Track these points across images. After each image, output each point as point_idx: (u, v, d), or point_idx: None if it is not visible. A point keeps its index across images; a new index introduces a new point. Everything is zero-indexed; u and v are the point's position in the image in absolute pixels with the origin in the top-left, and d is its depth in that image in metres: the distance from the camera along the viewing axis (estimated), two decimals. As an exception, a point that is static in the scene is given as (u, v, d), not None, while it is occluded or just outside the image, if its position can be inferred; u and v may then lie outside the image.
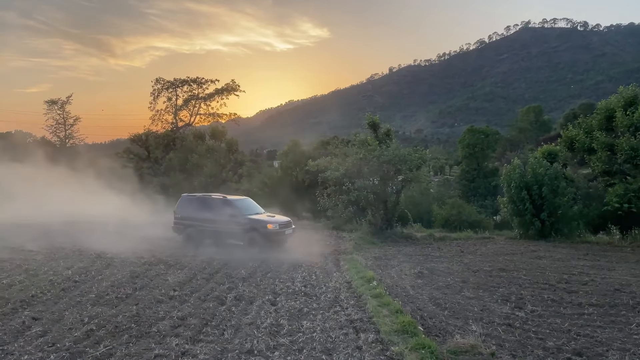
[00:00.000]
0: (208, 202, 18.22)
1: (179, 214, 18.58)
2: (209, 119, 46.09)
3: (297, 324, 8.38)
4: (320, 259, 15.73)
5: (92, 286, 10.94)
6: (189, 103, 44.87)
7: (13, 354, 6.74)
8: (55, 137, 57.42)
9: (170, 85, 44.42)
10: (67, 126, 57.44)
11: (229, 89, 45.40)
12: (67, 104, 57.04)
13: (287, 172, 33.72)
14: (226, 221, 17.24)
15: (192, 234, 18.02)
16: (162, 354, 6.72)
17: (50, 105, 56.42)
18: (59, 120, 56.89)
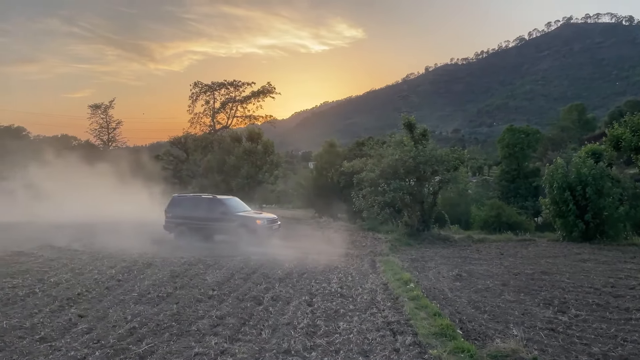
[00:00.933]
0: (199, 201, 19.45)
1: (170, 213, 19.39)
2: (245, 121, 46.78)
3: (334, 325, 8.38)
4: (356, 260, 15.69)
5: (135, 285, 11.27)
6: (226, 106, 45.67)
7: (60, 349, 7.01)
8: (98, 140, 59.53)
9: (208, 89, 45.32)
10: (110, 129, 59.46)
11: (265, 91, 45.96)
12: (109, 108, 59.12)
13: (322, 174, 33.82)
14: (217, 218, 18.55)
15: (184, 231, 18.96)
16: (201, 352, 6.85)
17: (94, 109, 58.57)
18: (102, 124, 58.96)
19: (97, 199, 27.66)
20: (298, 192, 38.60)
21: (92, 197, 27.97)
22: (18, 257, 14.86)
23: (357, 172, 23.71)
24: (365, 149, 28.47)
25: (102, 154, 55.94)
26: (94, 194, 28.24)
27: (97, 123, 58.67)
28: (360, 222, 27.66)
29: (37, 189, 25.79)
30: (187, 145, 44.11)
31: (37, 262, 13.95)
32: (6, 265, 13.29)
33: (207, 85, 45.58)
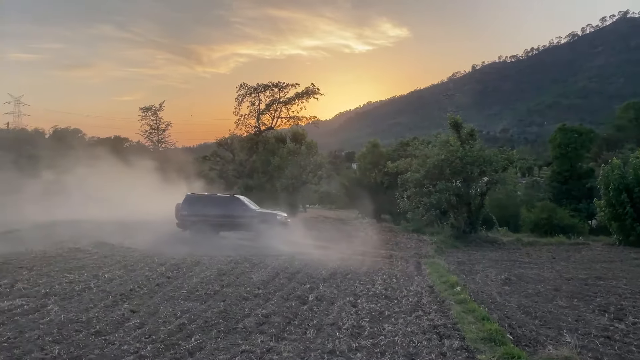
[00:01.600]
0: (218, 199, 20.81)
1: (186, 211, 20.14)
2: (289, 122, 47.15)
3: (379, 326, 8.32)
4: (400, 262, 15.53)
5: (184, 282, 11.58)
6: (270, 107, 46.09)
7: (114, 343, 7.29)
8: (149, 142, 61.54)
9: (253, 91, 45.88)
10: (160, 131, 61.30)
11: (309, 92, 46.07)
12: (159, 111, 60.94)
13: (365, 174, 33.70)
14: (239, 215, 20.00)
15: (202, 227, 19.73)
16: (248, 350, 6.95)
17: (145, 111, 60.56)
18: (152, 126, 60.87)
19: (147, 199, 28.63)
20: (341, 193, 38.63)
21: (142, 196, 28.96)
22: (75, 253, 15.58)
23: (401, 173, 23.48)
24: (410, 149, 28.12)
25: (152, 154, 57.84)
26: (144, 193, 29.23)
27: (147, 125, 60.70)
28: (405, 223, 27.37)
29: (92, 189, 26.91)
30: (233, 146, 44.91)
31: (92, 259, 14.58)
32: (64, 261, 13.96)
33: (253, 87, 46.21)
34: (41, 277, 11.76)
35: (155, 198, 28.69)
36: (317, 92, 46.23)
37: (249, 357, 6.70)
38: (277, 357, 6.76)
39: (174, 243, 18.05)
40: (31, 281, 11.24)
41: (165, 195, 29.18)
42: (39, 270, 12.50)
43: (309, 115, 47.16)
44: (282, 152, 35.36)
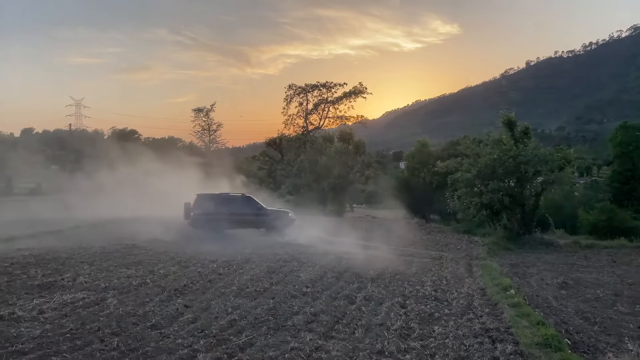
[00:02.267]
0: (232, 199, 21.21)
1: (199, 210, 20.31)
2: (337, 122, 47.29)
3: (428, 328, 8.20)
4: (450, 263, 15.23)
5: (234, 279, 11.83)
6: (318, 107, 46.47)
7: (169, 337, 7.54)
8: (201, 142, 63.30)
9: (301, 91, 46.43)
10: (211, 132, 62.93)
11: (357, 91, 46.13)
12: (210, 112, 62.59)
13: (414, 174, 33.25)
14: (254, 213, 20.71)
15: (216, 226, 19.96)
16: (297, 347, 7.02)
17: (197, 113, 62.40)
18: (204, 127, 62.61)
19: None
20: (389, 193, 38.26)
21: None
22: (131, 249, 16.24)
23: (451, 173, 23.01)
24: (460, 148, 27.50)
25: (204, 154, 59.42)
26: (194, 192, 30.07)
27: (199, 125, 62.47)
28: (455, 224, 26.82)
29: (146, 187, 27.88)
30: (281, 146, 45.54)
31: (148, 255, 15.15)
32: (122, 257, 14.59)
33: (301, 87, 46.79)
34: (101, 271, 12.34)
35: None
36: (364, 91, 46.24)
37: (298, 355, 6.76)
38: (326, 356, 6.79)
39: (224, 241, 18.50)
40: (92, 275, 11.82)
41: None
42: (98, 265, 13.13)
43: (356, 115, 47.21)
44: (329, 151, 35.44)
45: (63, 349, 6.87)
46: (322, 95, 46.71)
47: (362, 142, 37.59)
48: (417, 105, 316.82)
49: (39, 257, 14.20)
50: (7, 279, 11.21)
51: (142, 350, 6.87)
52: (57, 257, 14.25)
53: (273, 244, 18.25)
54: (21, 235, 18.14)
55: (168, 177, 28.49)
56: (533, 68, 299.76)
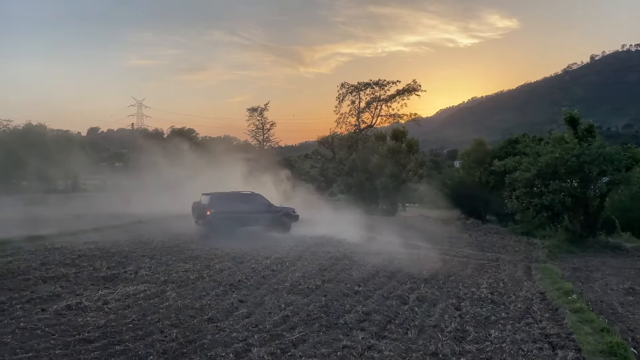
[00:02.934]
0: (244, 197, 20.95)
1: (215, 209, 19.65)
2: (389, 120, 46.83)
3: (484, 331, 7.98)
4: (508, 265, 14.74)
5: (287, 276, 11.98)
6: (371, 105, 46.19)
7: (224, 330, 7.75)
8: (255, 141, 64.57)
9: (354, 89, 46.32)
10: (265, 130, 64.05)
11: (410, 89, 45.51)
12: (264, 111, 63.74)
13: (469, 173, 32.41)
14: (264, 210, 20.65)
15: (233, 225, 19.58)
16: (349, 346, 7.03)
17: (252, 112, 63.76)
18: (258, 125, 63.86)
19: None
20: (443, 192, 37.48)
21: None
22: (189, 244, 16.80)
23: (509, 172, 22.22)
24: (519, 146, 26.53)
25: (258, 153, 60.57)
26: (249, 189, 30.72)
27: (253, 124, 63.85)
28: (513, 225, 25.91)
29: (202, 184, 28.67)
30: (333, 144, 45.64)
31: (204, 250, 15.61)
32: (180, 252, 15.12)
33: (353, 85, 46.65)
34: (160, 265, 12.85)
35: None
36: (418, 88, 45.55)
37: (350, 353, 6.77)
38: (378, 355, 6.76)
39: (277, 237, 18.78)
40: (152, 269, 12.33)
41: (266, 191, 30.44)
42: (158, 259, 13.67)
43: (409, 113, 46.59)
44: (381, 150, 35.16)
45: (126, 339, 7.21)
46: (375, 93, 46.45)
47: (415, 140, 37.05)
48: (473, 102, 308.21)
49: (104, 250, 14.97)
50: (74, 271, 11.89)
51: (200, 343, 7.10)
52: (120, 250, 14.96)
53: (324, 242, 18.31)
54: (87, 229, 19.18)
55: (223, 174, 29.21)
56: (598, 63, 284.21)
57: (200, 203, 20.39)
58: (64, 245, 15.59)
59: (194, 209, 20.74)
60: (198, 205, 20.54)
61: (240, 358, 6.54)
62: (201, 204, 20.29)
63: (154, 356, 6.54)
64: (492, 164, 26.66)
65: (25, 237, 16.75)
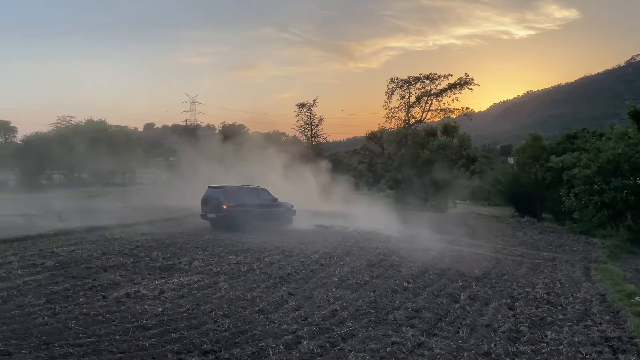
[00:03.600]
0: (253, 191, 20.54)
1: (233, 203, 19.05)
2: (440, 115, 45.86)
3: (540, 333, 7.72)
4: (565, 265, 14.16)
5: (335, 270, 12.03)
6: (421, 100, 45.35)
7: (275, 322, 7.88)
8: (303, 136, 65.01)
9: (403, 84, 45.59)
10: (313, 126, 64.31)
11: (462, 82, 44.26)
12: (313, 107, 63.97)
13: (524, 169, 31.34)
14: (271, 205, 20.54)
15: (245, 218, 18.98)
16: (398, 342, 6.97)
17: (300, 108, 64.07)
18: (306, 121, 64.15)
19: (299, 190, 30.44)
20: (496, 189, 36.45)
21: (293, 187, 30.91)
22: (240, 237, 17.16)
23: (567, 168, 21.36)
24: (578, 142, 25.41)
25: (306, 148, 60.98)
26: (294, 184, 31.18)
27: (302, 120, 64.15)
28: (570, 223, 24.88)
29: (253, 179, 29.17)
30: (382, 139, 45.24)
31: (255, 243, 15.90)
32: (231, 244, 15.48)
33: (403, 80, 45.89)
34: (213, 257, 13.21)
35: (300, 190, 30.33)
36: (470, 82, 44.27)
37: (399, 350, 6.72)
38: (429, 353, 6.67)
39: (325, 232, 18.88)
40: (205, 260, 12.70)
41: (314, 189, 30.69)
42: (211, 251, 14.06)
43: (461, 107, 45.37)
44: (432, 145, 34.56)
45: (181, 327, 7.47)
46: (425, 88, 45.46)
47: (467, 135, 36.20)
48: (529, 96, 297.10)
49: (159, 241, 15.54)
50: (133, 260, 12.42)
51: (251, 333, 7.25)
52: (175, 242, 15.50)
53: (372, 237, 18.24)
54: (143, 221, 19.96)
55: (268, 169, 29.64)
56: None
57: (213, 196, 19.43)
58: (122, 236, 16.31)
59: (205, 202, 19.61)
60: (210, 198, 19.49)
61: (291, 350, 6.63)
62: (214, 197, 19.37)
63: (207, 345, 6.73)
64: (549, 160, 25.71)
65: (87, 228, 17.66)
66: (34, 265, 11.53)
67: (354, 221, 22.02)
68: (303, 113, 64.06)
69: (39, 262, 11.76)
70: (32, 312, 8.02)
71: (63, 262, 11.92)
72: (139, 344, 6.76)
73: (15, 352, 6.33)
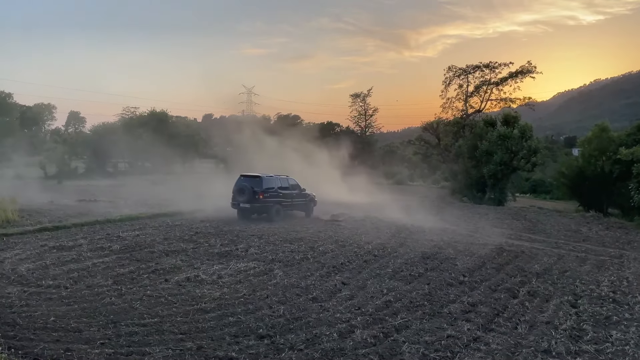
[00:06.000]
0: (285, 181, 20.69)
1: (268, 193, 19.17)
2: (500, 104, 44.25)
3: (604, 332, 7.37)
4: (633, 263, 13.38)
5: (389, 261, 11.99)
6: (480, 89, 43.93)
7: (328, 310, 7.98)
8: (357, 127, 64.75)
9: (462, 73, 44.32)
10: (367, 117, 63.91)
11: (524, 71, 42.46)
12: (367, 97, 63.53)
13: (589, 162, 29.71)
14: (297, 195, 21.02)
15: (279, 210, 19.62)
16: (454, 336, 6.88)
17: (354, 98, 63.84)
18: (360, 112, 63.85)
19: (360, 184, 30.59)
20: (559, 182, 34.83)
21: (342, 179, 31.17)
22: (294, 226, 17.44)
23: (637, 161, 20.11)
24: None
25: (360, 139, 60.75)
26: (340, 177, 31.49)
27: (356, 111, 63.88)
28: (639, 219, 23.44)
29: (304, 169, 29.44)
30: (438, 130, 44.26)
31: (308, 232, 16.11)
32: (286, 233, 15.75)
33: (461, 69, 44.56)
34: (268, 245, 13.52)
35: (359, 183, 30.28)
36: (533, 70, 42.46)
37: (454, 343, 6.63)
38: (485, 348, 6.54)
39: (378, 224, 18.81)
40: (261, 247, 13.03)
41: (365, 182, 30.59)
42: (266, 239, 14.38)
43: (522, 97, 43.64)
44: (491, 136, 33.43)
45: (238, 311, 7.72)
46: (485, 77, 43.89)
47: (529, 125, 34.66)
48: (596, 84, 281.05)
49: (218, 228, 16.09)
50: (192, 246, 12.94)
51: (305, 320, 7.38)
52: (232, 229, 15.98)
53: (426, 229, 17.99)
54: (202, 208, 20.63)
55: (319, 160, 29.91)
56: None
57: (248, 186, 19.03)
58: (182, 223, 17.00)
59: (241, 192, 19.06)
60: (245, 188, 19.02)
61: (344, 338, 6.69)
62: (249, 187, 18.99)
63: (263, 330, 6.92)
64: (617, 152, 24.31)
65: (150, 214, 18.51)
66: (102, 248, 12.26)
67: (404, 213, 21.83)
68: (357, 103, 63.79)
69: (107, 246, 12.49)
70: (101, 292, 8.55)
71: (128, 246, 12.60)
72: (198, 326, 7.05)
73: (85, 329, 6.78)
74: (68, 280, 9.18)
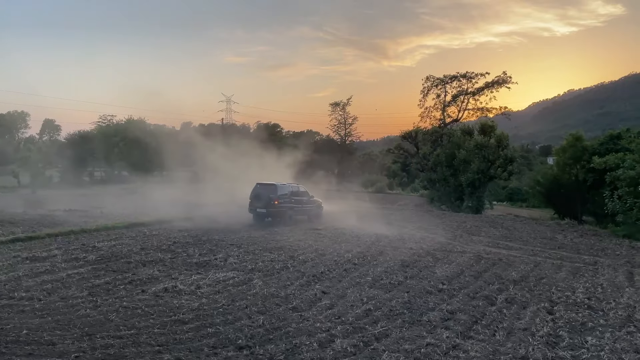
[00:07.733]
0: (296, 188, 22.07)
1: (282, 200, 20.44)
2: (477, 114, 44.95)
3: (580, 338, 7.49)
4: (607, 270, 13.66)
5: (369, 270, 11.99)
6: (457, 98, 44.57)
7: (308, 320, 7.93)
8: (337, 135, 65.05)
9: (439, 82, 44.92)
10: (347, 125, 64.27)
11: (500, 81, 43.23)
12: (347, 106, 63.96)
13: (564, 170, 30.40)
14: (307, 202, 22.21)
15: (292, 215, 21.08)
16: (433, 344, 6.90)
17: (334, 107, 64.24)
18: (340, 120, 64.21)
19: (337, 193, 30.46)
20: (534, 190, 35.50)
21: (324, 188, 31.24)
22: (274, 235, 17.32)
23: (611, 169, 20.61)
24: (622, 142, 24.49)
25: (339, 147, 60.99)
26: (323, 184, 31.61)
27: (336, 119, 64.27)
28: (613, 227, 23.95)
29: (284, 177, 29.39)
30: (417, 139, 44.68)
31: (289, 241, 16.03)
32: (265, 242, 15.65)
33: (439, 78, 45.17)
34: (248, 254, 13.40)
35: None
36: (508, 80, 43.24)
37: (434, 351, 6.66)
38: (464, 356, 6.59)
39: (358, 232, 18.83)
40: (240, 257, 12.90)
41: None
42: (245, 248, 14.26)
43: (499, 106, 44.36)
44: (468, 145, 33.92)
45: (217, 322, 7.62)
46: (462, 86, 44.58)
47: (505, 135, 35.27)
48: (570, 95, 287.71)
49: (196, 238, 15.88)
50: (170, 256, 12.75)
51: (285, 330, 7.32)
52: (211, 239, 15.79)
53: (405, 238, 18.09)
54: (180, 217, 20.38)
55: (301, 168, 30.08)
56: None
57: (264, 193, 20.33)
58: (160, 232, 16.74)
59: (258, 198, 20.36)
60: (262, 194, 20.34)
61: (324, 348, 6.65)
62: (266, 194, 20.30)
63: (242, 340, 6.84)
64: (590, 160, 24.89)
65: (127, 224, 18.19)
66: (77, 259, 11.98)
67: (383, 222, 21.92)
68: (337, 112, 64.14)
69: (82, 256, 12.21)
70: (75, 304, 8.35)
71: (104, 257, 12.35)
72: (176, 338, 6.94)
73: (59, 342, 6.60)
74: (41, 292, 8.93)
